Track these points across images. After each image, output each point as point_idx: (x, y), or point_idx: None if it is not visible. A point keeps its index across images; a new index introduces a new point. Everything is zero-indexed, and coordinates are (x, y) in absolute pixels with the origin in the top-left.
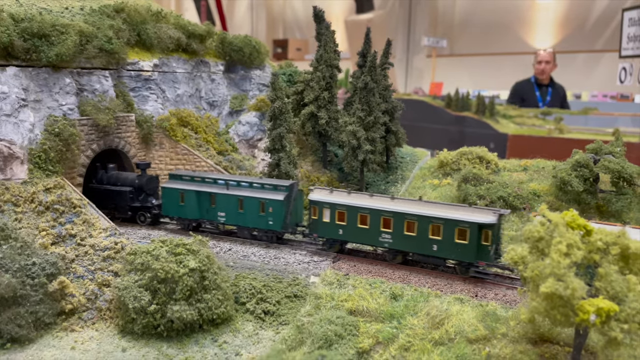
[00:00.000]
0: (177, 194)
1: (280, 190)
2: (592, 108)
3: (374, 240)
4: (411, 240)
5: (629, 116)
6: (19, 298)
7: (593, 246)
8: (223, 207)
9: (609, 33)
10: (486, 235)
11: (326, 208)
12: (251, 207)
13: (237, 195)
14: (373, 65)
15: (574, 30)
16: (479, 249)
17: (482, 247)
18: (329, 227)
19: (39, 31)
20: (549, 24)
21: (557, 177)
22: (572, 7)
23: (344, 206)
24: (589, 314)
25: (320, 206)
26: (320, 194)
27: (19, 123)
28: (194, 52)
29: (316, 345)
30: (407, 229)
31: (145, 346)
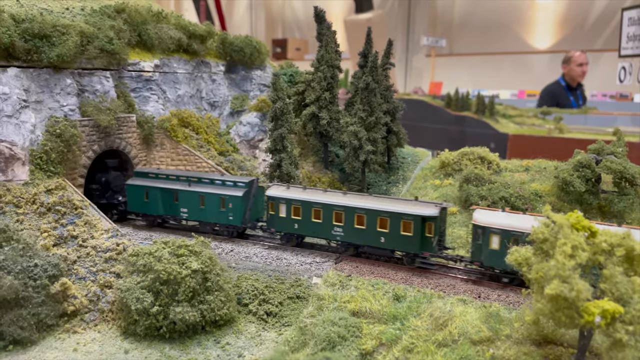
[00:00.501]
0: (141, 191)
1: (239, 187)
2: (591, 107)
3: (327, 234)
4: (361, 233)
5: (628, 115)
6: (21, 300)
7: (598, 248)
8: (185, 204)
9: (609, 32)
10: (429, 228)
11: (282, 203)
12: (212, 203)
13: (199, 191)
14: (374, 66)
15: (573, 30)
16: (422, 240)
17: (425, 238)
18: (285, 221)
19: (40, 32)
20: (548, 24)
21: (559, 178)
22: (572, 6)
23: (299, 201)
24: (594, 315)
25: (277, 202)
26: (277, 190)
27: (20, 124)
28: (194, 53)
29: (319, 346)
30: (357, 222)
31: (147, 348)
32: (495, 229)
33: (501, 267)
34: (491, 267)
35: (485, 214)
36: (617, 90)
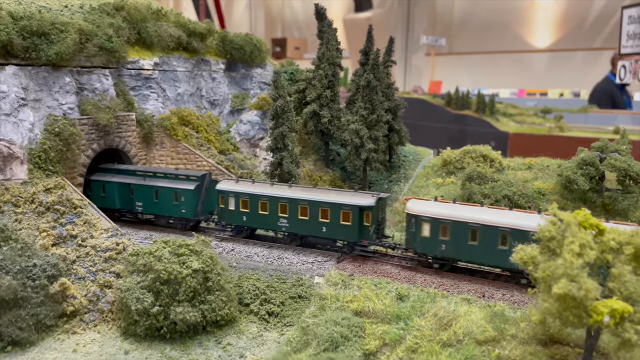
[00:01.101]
0: (99, 186)
1: (191, 181)
2: (591, 106)
3: (273, 225)
4: (305, 224)
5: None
6: (19, 300)
7: (606, 246)
8: (140, 197)
9: (608, 31)
10: (367, 217)
11: (231, 197)
12: (165, 197)
13: (153, 185)
14: (376, 63)
15: (573, 29)
16: (361, 229)
17: (363, 227)
18: (234, 214)
19: (39, 29)
20: (547, 22)
21: (563, 176)
22: (571, 5)
23: (246, 195)
24: (602, 315)
25: (227, 195)
26: (227, 184)
27: (18, 122)
28: (194, 51)
29: (322, 347)
30: (301, 213)
31: (148, 348)
32: (426, 217)
33: (432, 253)
34: (424, 254)
35: (418, 203)
36: None
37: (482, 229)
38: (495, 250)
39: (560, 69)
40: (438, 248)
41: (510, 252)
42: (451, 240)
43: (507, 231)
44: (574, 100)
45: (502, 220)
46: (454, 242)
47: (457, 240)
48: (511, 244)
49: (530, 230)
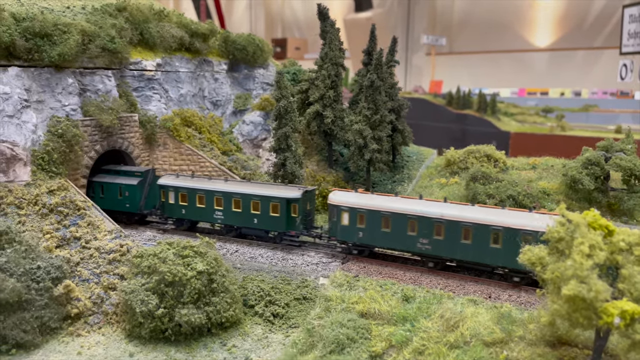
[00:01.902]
0: None
1: (135, 176)
2: (592, 105)
3: (209, 218)
4: (238, 216)
5: (629, 113)
6: (24, 303)
7: (615, 247)
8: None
9: (609, 30)
10: (294, 209)
11: (171, 191)
12: (111, 192)
13: (99, 182)
14: (379, 63)
15: (574, 28)
16: (288, 220)
17: (291, 218)
18: (174, 207)
19: (41, 31)
20: (548, 21)
21: (568, 176)
22: (572, 4)
23: (185, 189)
24: (613, 316)
25: (167, 190)
26: (167, 179)
27: (21, 124)
28: (197, 51)
29: (328, 349)
30: (235, 206)
31: (153, 351)
32: (345, 207)
33: (351, 240)
34: (344, 241)
35: (339, 194)
36: (618, 87)
37: (393, 217)
38: (405, 236)
39: (561, 68)
40: (356, 235)
41: (418, 238)
42: (367, 228)
43: (414, 218)
44: (574, 100)
45: (410, 208)
46: (369, 230)
47: (372, 228)
48: (419, 230)
49: (434, 217)
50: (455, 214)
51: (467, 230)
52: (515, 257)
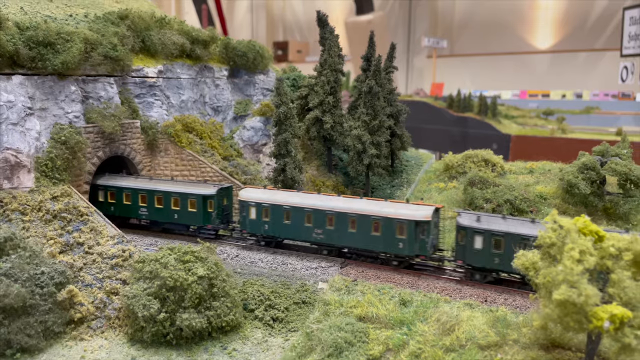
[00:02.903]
0: None
1: None
2: (593, 107)
3: (135, 214)
4: (160, 212)
5: (630, 115)
6: (28, 307)
7: (605, 252)
8: None
9: (610, 32)
10: (210, 204)
11: (101, 190)
12: None
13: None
14: (377, 69)
15: (575, 29)
16: (205, 215)
17: (207, 213)
18: (103, 205)
19: (45, 39)
20: (549, 23)
21: (564, 180)
22: (573, 6)
23: (113, 187)
24: (602, 320)
25: (97, 189)
26: (100, 180)
27: (25, 132)
28: (197, 58)
29: (326, 352)
30: (157, 203)
31: (154, 355)
32: (252, 202)
33: (259, 232)
34: (253, 234)
35: (248, 190)
36: (619, 89)
37: (293, 210)
38: (303, 227)
39: (562, 70)
40: (262, 228)
41: (313, 229)
42: (271, 221)
43: (310, 211)
44: (576, 102)
45: (307, 202)
46: (273, 222)
47: (276, 220)
48: (314, 222)
49: (327, 209)
50: (343, 206)
51: (353, 221)
52: (393, 242)
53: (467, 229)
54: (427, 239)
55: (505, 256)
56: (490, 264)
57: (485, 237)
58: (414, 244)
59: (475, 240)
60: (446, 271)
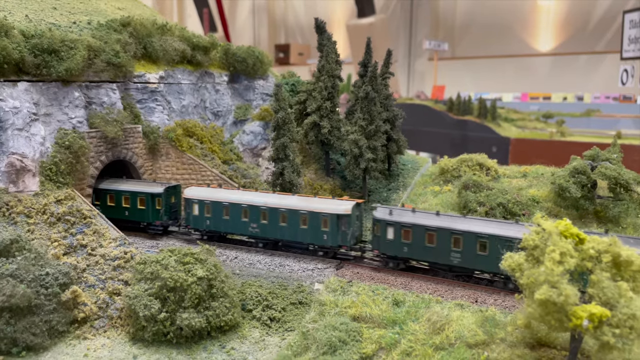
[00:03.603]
0: None
1: None
2: (594, 110)
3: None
4: (111, 209)
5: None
6: (33, 307)
7: (586, 254)
8: None
9: (611, 34)
10: (158, 202)
11: None
12: None
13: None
14: (374, 75)
15: (576, 32)
16: (153, 212)
17: (156, 210)
18: None
19: (49, 47)
20: (550, 26)
21: (556, 184)
22: (574, 9)
23: None
24: (582, 319)
25: None
26: None
27: (30, 137)
28: (198, 64)
29: (321, 351)
30: (110, 201)
31: (155, 353)
32: (195, 200)
33: (202, 227)
34: (197, 229)
35: (193, 189)
36: (620, 92)
37: (231, 207)
38: (240, 222)
39: (563, 73)
40: (204, 223)
41: (249, 224)
42: (212, 217)
43: (246, 207)
44: (577, 104)
45: (243, 199)
46: (214, 218)
47: (216, 216)
48: (250, 217)
49: (260, 205)
50: (275, 202)
51: (284, 215)
52: (318, 234)
53: (380, 221)
54: (348, 230)
55: (413, 245)
56: (400, 253)
57: (395, 228)
58: (336, 235)
59: (387, 231)
60: (365, 260)
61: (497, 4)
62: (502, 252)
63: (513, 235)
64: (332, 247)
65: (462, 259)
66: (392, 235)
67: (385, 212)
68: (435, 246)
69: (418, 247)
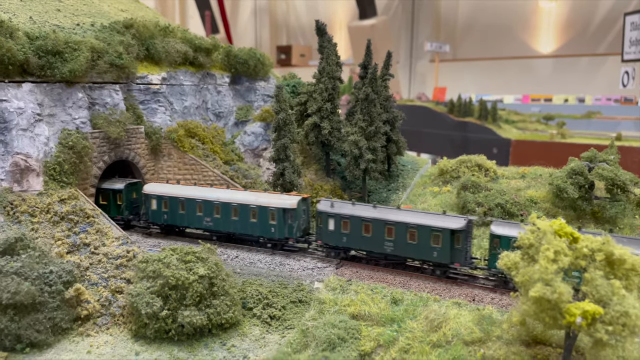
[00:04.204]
0: None
1: None
2: (595, 112)
3: None
4: None
5: (632, 120)
6: (37, 305)
7: (579, 253)
8: None
9: (612, 37)
10: (119, 198)
11: None
12: None
13: None
14: (374, 77)
15: (577, 34)
16: (114, 207)
17: (117, 206)
18: None
19: (53, 48)
20: (551, 28)
21: (553, 185)
22: (575, 11)
23: None
24: (575, 316)
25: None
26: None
27: (34, 137)
28: (200, 65)
29: (320, 348)
30: None
31: (157, 350)
32: (153, 195)
33: (159, 221)
34: (155, 223)
35: (152, 185)
36: (622, 94)
37: (187, 201)
38: (195, 216)
39: (564, 75)
40: (162, 217)
41: (204, 217)
42: (169, 211)
43: (200, 202)
44: (578, 106)
45: (198, 194)
46: (171, 213)
47: (173, 211)
48: (204, 211)
49: (214, 200)
50: (227, 197)
51: (235, 209)
52: (267, 227)
53: (322, 213)
54: (294, 224)
55: (351, 235)
56: (340, 243)
57: (336, 219)
58: (283, 228)
59: (329, 222)
60: (309, 251)
61: (498, 5)
62: (429, 240)
63: (440, 225)
64: (279, 239)
65: (395, 248)
66: (333, 227)
67: (327, 205)
68: (371, 236)
69: (356, 237)
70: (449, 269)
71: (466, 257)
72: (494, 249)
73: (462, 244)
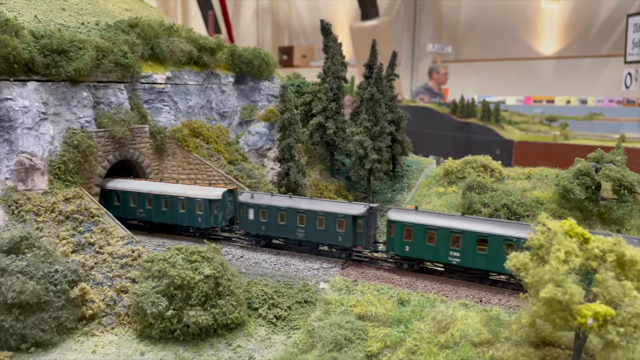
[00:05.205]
0: None
1: None
2: (597, 113)
3: None
4: None
5: (635, 121)
6: (42, 304)
7: (590, 253)
8: None
9: (615, 38)
10: None
11: None
12: None
13: None
14: (379, 77)
15: (579, 35)
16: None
17: None
18: None
19: (58, 47)
20: (554, 29)
21: (560, 186)
22: (578, 12)
23: None
24: (586, 317)
25: None
26: None
27: (39, 136)
28: (205, 65)
29: (326, 348)
30: None
31: (162, 350)
32: (119, 191)
33: (129, 216)
34: (125, 218)
35: (117, 180)
36: (624, 95)
37: (154, 198)
38: (129, 208)
39: (567, 76)
40: (136, 213)
41: (137, 209)
42: (121, 205)
43: (167, 198)
44: (580, 108)
45: (131, 187)
46: (123, 206)
47: (125, 204)
48: (137, 203)
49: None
50: (159, 189)
51: (166, 201)
52: (194, 217)
53: (243, 204)
54: (219, 214)
55: (269, 224)
56: (259, 231)
57: (255, 209)
58: (209, 218)
59: (249, 212)
60: (233, 239)
61: (500, 7)
62: (335, 226)
63: (344, 212)
64: (206, 229)
65: (306, 234)
66: (253, 216)
67: (247, 196)
68: (286, 224)
69: (273, 226)
70: (352, 251)
71: (368, 240)
72: (390, 233)
73: (363, 229)
